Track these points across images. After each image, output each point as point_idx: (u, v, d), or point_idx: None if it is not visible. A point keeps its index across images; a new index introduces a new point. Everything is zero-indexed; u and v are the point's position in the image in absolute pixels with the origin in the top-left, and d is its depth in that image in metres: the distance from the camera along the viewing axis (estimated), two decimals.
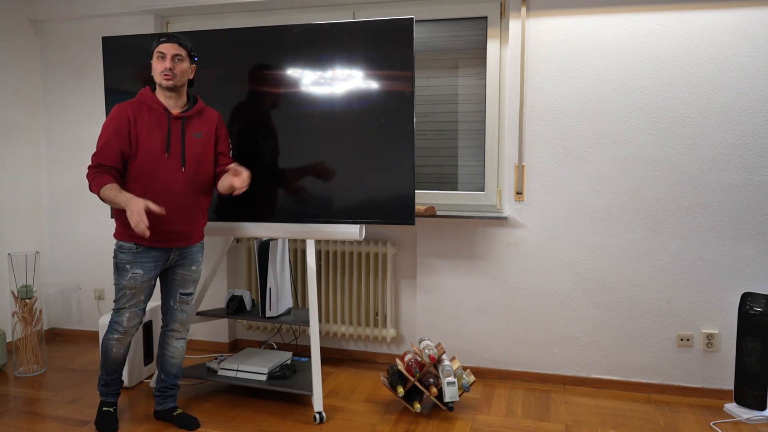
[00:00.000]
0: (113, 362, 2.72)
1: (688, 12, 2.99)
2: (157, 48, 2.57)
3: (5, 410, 2.96)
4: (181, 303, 2.77)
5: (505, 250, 3.32)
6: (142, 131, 2.55)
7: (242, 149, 3.03)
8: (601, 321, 3.22)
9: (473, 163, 3.44)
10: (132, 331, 2.69)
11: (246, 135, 3.03)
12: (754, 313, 2.85)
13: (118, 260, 2.62)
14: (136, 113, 2.57)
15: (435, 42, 3.46)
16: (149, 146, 2.56)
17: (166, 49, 2.57)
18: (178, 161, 2.60)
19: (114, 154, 2.53)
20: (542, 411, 2.96)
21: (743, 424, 2.81)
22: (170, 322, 2.79)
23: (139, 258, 2.60)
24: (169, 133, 2.58)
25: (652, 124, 3.08)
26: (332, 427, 2.78)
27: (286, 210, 3.01)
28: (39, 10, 3.89)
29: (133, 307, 2.65)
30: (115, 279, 2.64)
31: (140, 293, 2.64)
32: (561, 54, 3.16)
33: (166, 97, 2.61)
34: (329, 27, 2.90)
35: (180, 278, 2.74)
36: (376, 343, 3.63)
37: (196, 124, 2.66)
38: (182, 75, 2.59)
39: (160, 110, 2.59)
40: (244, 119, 3.03)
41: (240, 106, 3.03)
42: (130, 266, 2.60)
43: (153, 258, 2.63)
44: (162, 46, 2.57)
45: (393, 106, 2.85)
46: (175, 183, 2.60)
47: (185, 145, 2.62)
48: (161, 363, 2.82)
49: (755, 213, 2.99)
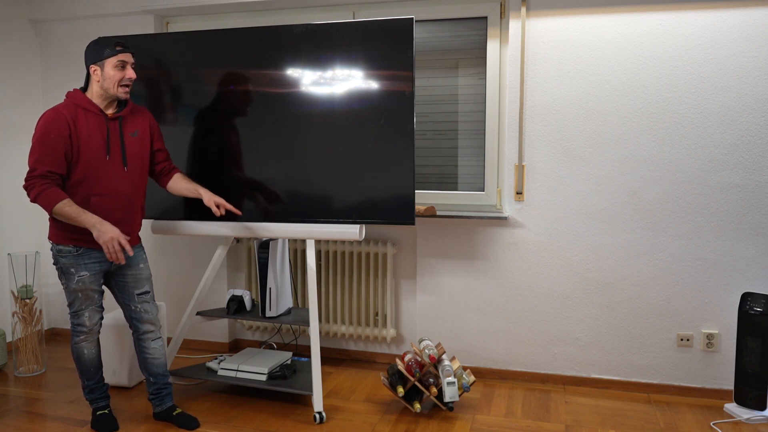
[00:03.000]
0: (89, 365, 2.69)
1: (688, 12, 2.99)
2: (118, 56, 2.50)
3: (5, 410, 2.96)
4: (142, 303, 2.72)
5: (505, 250, 3.32)
6: (82, 135, 2.48)
7: (242, 149, 3.03)
8: (601, 321, 3.22)
9: (473, 163, 3.44)
10: (96, 329, 2.67)
11: (246, 135, 3.03)
12: (754, 313, 2.85)
13: (60, 264, 2.56)
14: (74, 117, 2.48)
15: (435, 42, 3.46)
16: (90, 149, 2.50)
17: (128, 58, 2.53)
18: (120, 162, 2.58)
19: (61, 159, 2.45)
20: (542, 411, 2.96)
21: (743, 424, 2.81)
22: (140, 326, 2.73)
23: (81, 260, 2.55)
24: (108, 135, 2.54)
25: (652, 124, 3.08)
26: (332, 427, 2.78)
27: (286, 210, 3.01)
28: (39, 10, 3.89)
29: (90, 305, 2.62)
30: (64, 283, 2.59)
31: (93, 293, 2.61)
32: (561, 54, 3.16)
33: (101, 99, 2.55)
34: (329, 27, 2.90)
35: (132, 279, 2.69)
36: (376, 343, 3.63)
37: (131, 123, 2.64)
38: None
39: (96, 112, 2.53)
40: (244, 119, 3.03)
41: (240, 106, 3.03)
42: (74, 270, 2.55)
43: (96, 258, 2.58)
44: (125, 55, 2.52)
45: (393, 106, 2.85)
46: (119, 184, 2.57)
47: (125, 146, 2.59)
48: (146, 367, 2.78)
49: (755, 213, 2.99)
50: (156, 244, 3.88)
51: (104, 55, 2.50)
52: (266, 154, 3.01)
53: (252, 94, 3.01)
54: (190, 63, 3.08)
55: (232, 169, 3.07)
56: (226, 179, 3.08)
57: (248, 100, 3.02)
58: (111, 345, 3.20)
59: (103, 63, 2.50)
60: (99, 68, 2.51)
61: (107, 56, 2.49)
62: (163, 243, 3.87)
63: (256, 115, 3.01)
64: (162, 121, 3.15)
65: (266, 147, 3.00)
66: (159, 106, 3.15)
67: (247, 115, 3.02)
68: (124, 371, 3.20)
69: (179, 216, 3.16)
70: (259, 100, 3.00)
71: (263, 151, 3.01)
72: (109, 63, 2.50)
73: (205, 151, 3.10)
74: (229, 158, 3.06)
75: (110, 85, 2.51)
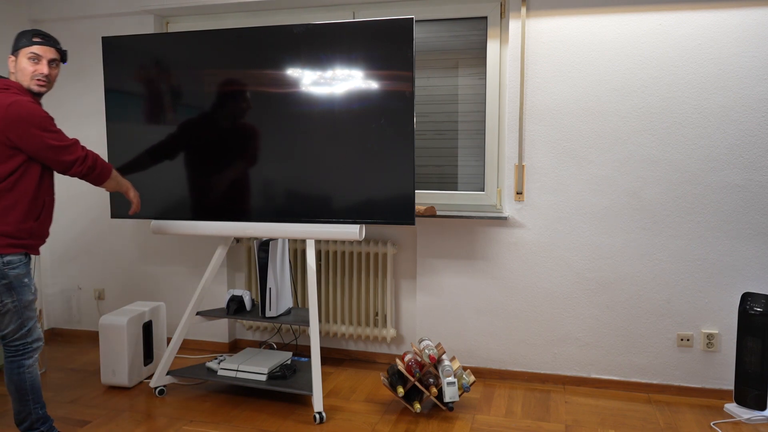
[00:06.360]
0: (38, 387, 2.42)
1: (688, 12, 2.99)
2: (30, 48, 2.36)
3: (5, 410, 2.96)
4: None
5: (505, 250, 3.32)
6: None
7: (242, 149, 3.03)
8: (601, 321, 3.22)
9: (473, 163, 3.44)
10: None
11: (246, 135, 3.03)
12: (754, 313, 2.85)
13: (10, 279, 2.32)
14: None
15: (435, 42, 3.46)
16: None
17: (42, 51, 2.39)
18: None
19: None
20: (542, 411, 2.96)
21: (743, 424, 2.81)
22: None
23: (27, 268, 2.39)
24: None
25: (652, 124, 3.08)
26: (332, 427, 2.78)
27: (286, 210, 3.01)
28: (39, 10, 3.89)
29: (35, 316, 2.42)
30: (17, 299, 2.34)
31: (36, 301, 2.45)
32: (561, 54, 3.16)
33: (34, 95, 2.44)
34: (329, 27, 2.90)
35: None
36: (376, 343, 3.63)
37: None
38: (54, 82, 2.46)
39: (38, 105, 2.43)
40: (244, 119, 3.03)
41: (240, 106, 3.03)
42: (27, 279, 2.38)
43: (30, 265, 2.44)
44: (37, 47, 2.37)
45: (393, 106, 2.85)
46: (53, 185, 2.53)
47: None
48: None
49: (755, 213, 2.99)
50: (156, 244, 3.88)
51: (20, 45, 2.39)
52: (266, 154, 3.01)
53: (252, 94, 3.01)
54: (189, 63, 3.08)
55: (232, 169, 3.07)
56: (225, 179, 3.08)
57: (248, 100, 3.02)
58: (111, 345, 3.20)
59: (18, 53, 2.39)
60: (15, 58, 2.40)
61: (22, 46, 2.38)
62: (163, 243, 3.87)
63: (256, 115, 3.01)
64: (162, 121, 3.15)
65: (266, 147, 3.00)
66: (159, 106, 3.15)
67: (247, 115, 3.02)
68: (124, 371, 3.20)
69: (179, 216, 3.16)
70: (259, 100, 3.00)
71: (263, 151, 3.01)
72: (22, 53, 2.38)
73: (205, 151, 3.10)
74: (229, 158, 3.06)
75: (22, 78, 2.38)
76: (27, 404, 2.40)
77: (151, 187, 3.17)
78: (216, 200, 3.08)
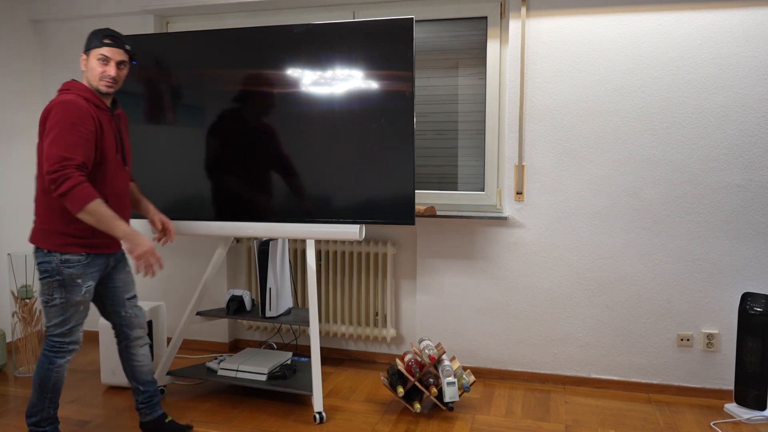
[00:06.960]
0: (60, 390, 2.44)
1: (688, 12, 2.99)
2: (100, 50, 2.36)
3: (5, 410, 2.96)
4: (132, 308, 2.58)
5: (505, 250, 3.32)
6: (105, 132, 2.38)
7: (242, 150, 3.03)
8: (601, 321, 3.22)
9: (473, 163, 3.44)
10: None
11: (246, 135, 3.03)
12: (754, 313, 2.85)
13: (64, 276, 2.31)
14: (93, 111, 2.34)
15: (435, 42, 3.46)
16: (109, 147, 2.40)
17: (112, 54, 2.37)
18: (121, 160, 2.48)
19: (92, 155, 2.31)
20: (542, 411, 2.96)
21: (743, 424, 2.81)
22: (130, 332, 2.58)
23: (88, 269, 2.37)
24: (119, 133, 2.47)
25: (652, 124, 3.08)
26: (332, 427, 2.78)
27: (286, 210, 3.01)
28: (39, 10, 3.89)
29: (82, 319, 2.42)
30: (60, 297, 2.33)
31: (88, 304, 2.44)
32: (561, 54, 3.16)
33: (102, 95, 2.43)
34: (329, 27, 2.90)
35: (122, 283, 2.55)
36: (376, 343, 3.63)
37: (123, 121, 2.58)
38: (121, 82, 2.44)
39: (105, 108, 2.41)
40: (244, 119, 3.03)
41: (240, 106, 3.03)
42: (81, 280, 2.35)
43: (99, 266, 2.42)
44: (107, 49, 2.37)
45: (393, 106, 2.85)
46: (122, 183, 2.48)
47: (124, 144, 2.52)
48: (134, 376, 2.61)
49: (755, 213, 2.99)
50: (155, 244, 3.88)
51: (91, 45, 2.39)
52: (266, 154, 3.01)
53: (252, 94, 3.01)
54: (190, 63, 3.08)
55: (232, 169, 3.07)
56: (225, 179, 3.08)
57: (248, 100, 3.02)
58: (111, 345, 3.20)
59: (89, 53, 2.39)
60: (86, 57, 2.40)
61: (91, 46, 2.39)
62: None
63: (256, 115, 3.01)
64: (162, 121, 3.15)
65: (266, 147, 3.00)
66: (159, 106, 3.15)
67: (247, 115, 3.02)
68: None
69: (179, 216, 3.16)
70: (259, 100, 3.00)
71: (263, 150, 3.01)
72: (93, 54, 2.38)
73: (205, 151, 3.10)
74: (229, 158, 3.06)
75: (91, 77, 2.38)
76: (43, 401, 2.42)
77: (151, 187, 3.17)
78: (216, 200, 3.08)
